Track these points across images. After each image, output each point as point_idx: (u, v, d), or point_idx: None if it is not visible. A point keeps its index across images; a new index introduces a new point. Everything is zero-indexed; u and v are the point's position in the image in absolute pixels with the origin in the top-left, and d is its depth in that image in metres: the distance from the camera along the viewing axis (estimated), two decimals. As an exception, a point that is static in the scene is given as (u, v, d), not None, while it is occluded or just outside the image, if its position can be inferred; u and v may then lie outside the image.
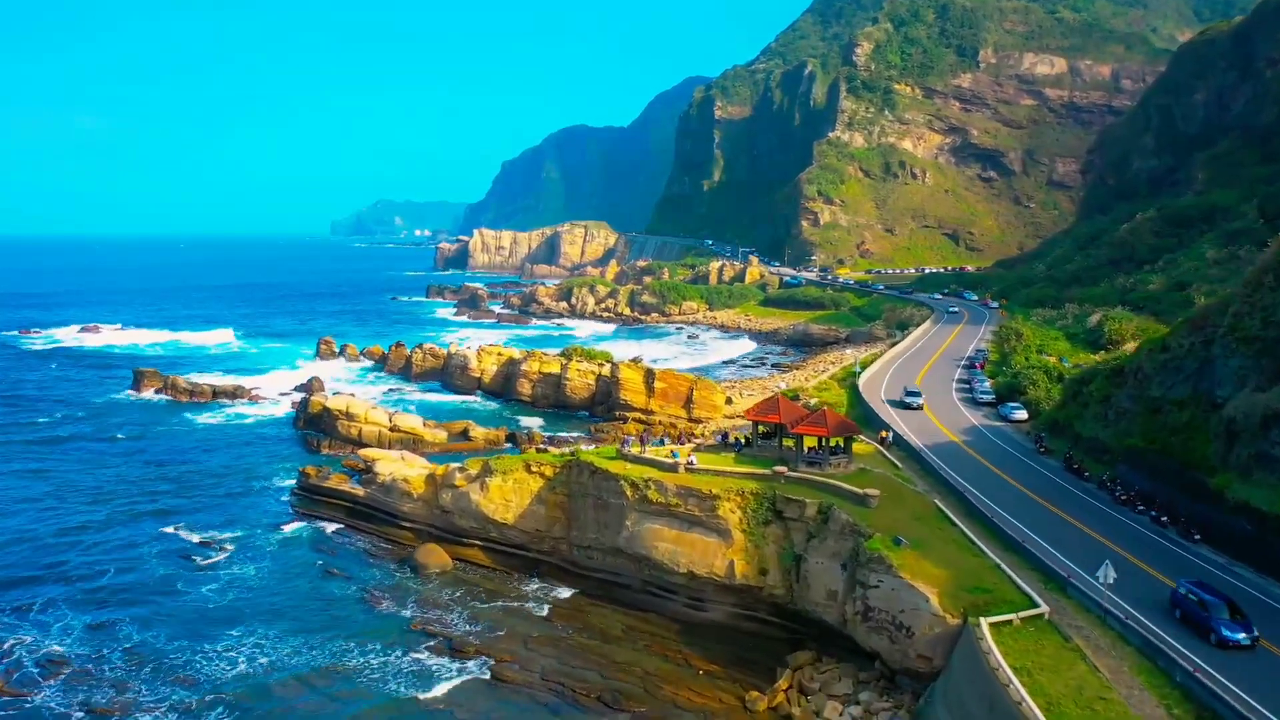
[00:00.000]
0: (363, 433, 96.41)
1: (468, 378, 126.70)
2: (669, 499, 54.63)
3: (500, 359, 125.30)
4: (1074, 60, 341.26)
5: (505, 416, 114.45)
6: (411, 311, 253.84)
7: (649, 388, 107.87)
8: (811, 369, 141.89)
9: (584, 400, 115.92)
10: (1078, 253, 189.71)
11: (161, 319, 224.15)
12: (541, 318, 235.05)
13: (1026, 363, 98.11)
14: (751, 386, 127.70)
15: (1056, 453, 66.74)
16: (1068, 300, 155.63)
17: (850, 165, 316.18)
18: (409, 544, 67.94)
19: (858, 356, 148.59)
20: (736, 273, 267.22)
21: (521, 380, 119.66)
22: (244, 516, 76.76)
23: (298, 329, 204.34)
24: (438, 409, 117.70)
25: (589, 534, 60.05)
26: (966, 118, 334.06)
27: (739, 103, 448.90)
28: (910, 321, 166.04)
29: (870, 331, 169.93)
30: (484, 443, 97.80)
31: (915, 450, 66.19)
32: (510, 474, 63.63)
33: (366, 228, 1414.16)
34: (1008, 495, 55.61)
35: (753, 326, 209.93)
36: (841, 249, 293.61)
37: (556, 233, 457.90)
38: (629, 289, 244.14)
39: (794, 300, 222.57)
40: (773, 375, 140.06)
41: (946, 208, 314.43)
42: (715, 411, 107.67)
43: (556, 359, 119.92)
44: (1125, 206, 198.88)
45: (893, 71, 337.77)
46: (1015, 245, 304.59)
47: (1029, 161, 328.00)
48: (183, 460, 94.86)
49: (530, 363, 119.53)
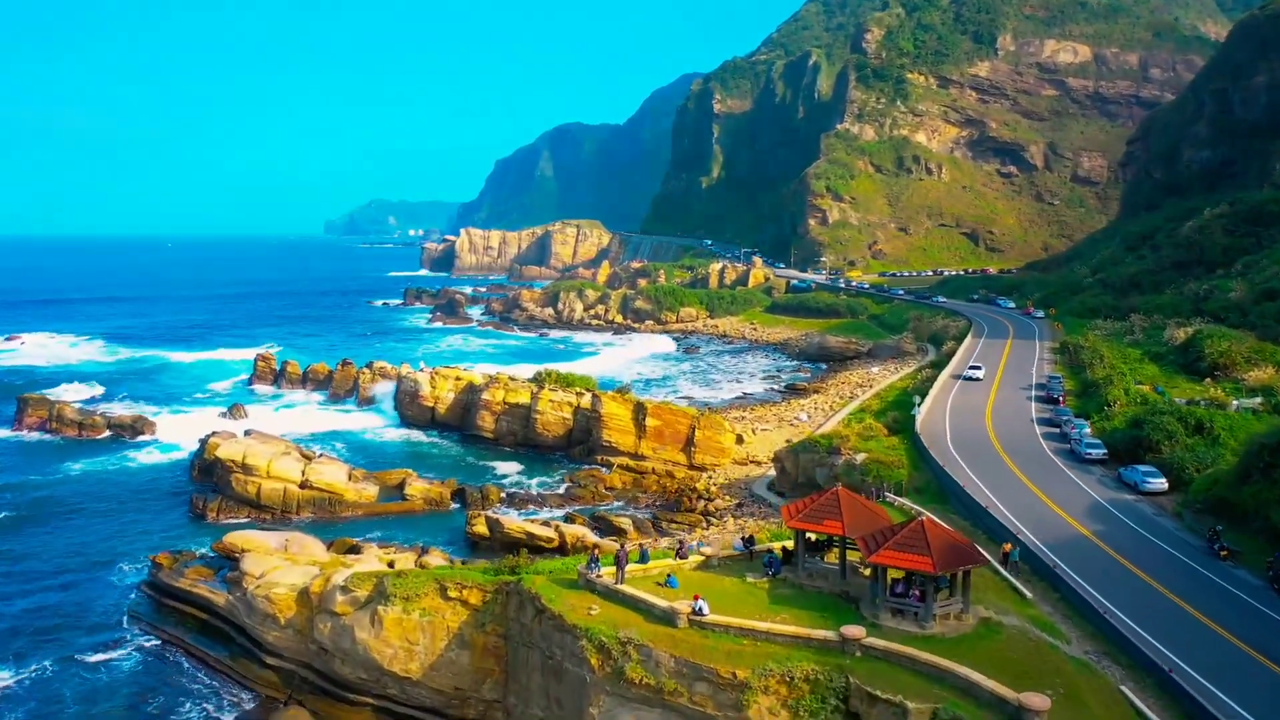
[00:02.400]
0: (263, 491, 73.68)
1: (419, 407, 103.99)
2: (661, 679, 32.03)
3: (458, 385, 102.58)
4: (1099, 48, 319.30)
5: (460, 458, 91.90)
6: (383, 319, 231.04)
7: (639, 426, 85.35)
8: (835, 393, 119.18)
9: (558, 438, 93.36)
10: (1128, 254, 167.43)
11: (101, 327, 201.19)
12: (525, 326, 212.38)
13: (1128, 397, 75.68)
14: (765, 418, 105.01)
15: (1249, 560, 44.26)
16: (1128, 309, 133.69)
17: (860, 159, 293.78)
18: (274, 694, 45.32)
19: (886, 376, 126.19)
20: (739, 275, 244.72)
21: (482, 412, 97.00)
22: (61, 628, 54.20)
23: (247, 339, 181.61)
24: (379, 450, 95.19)
25: (534, 708, 37.49)
26: (984, 109, 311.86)
27: (738, 96, 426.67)
28: (944, 334, 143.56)
29: (897, 345, 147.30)
30: (423, 503, 75.17)
31: (1032, 548, 43.82)
32: (416, 602, 41.08)
33: (360, 227, 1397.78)
34: (1213, 653, 33.26)
35: (759, 336, 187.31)
36: (852, 249, 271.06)
37: (547, 232, 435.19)
38: (621, 294, 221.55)
39: (804, 306, 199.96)
40: (789, 401, 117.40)
41: (964, 205, 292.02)
42: (723, 456, 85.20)
43: (525, 386, 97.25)
44: (1178, 202, 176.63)
45: (905, 59, 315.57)
46: (1039, 245, 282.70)
47: (1052, 156, 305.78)
48: (30, 528, 72.24)
49: (493, 391, 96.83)
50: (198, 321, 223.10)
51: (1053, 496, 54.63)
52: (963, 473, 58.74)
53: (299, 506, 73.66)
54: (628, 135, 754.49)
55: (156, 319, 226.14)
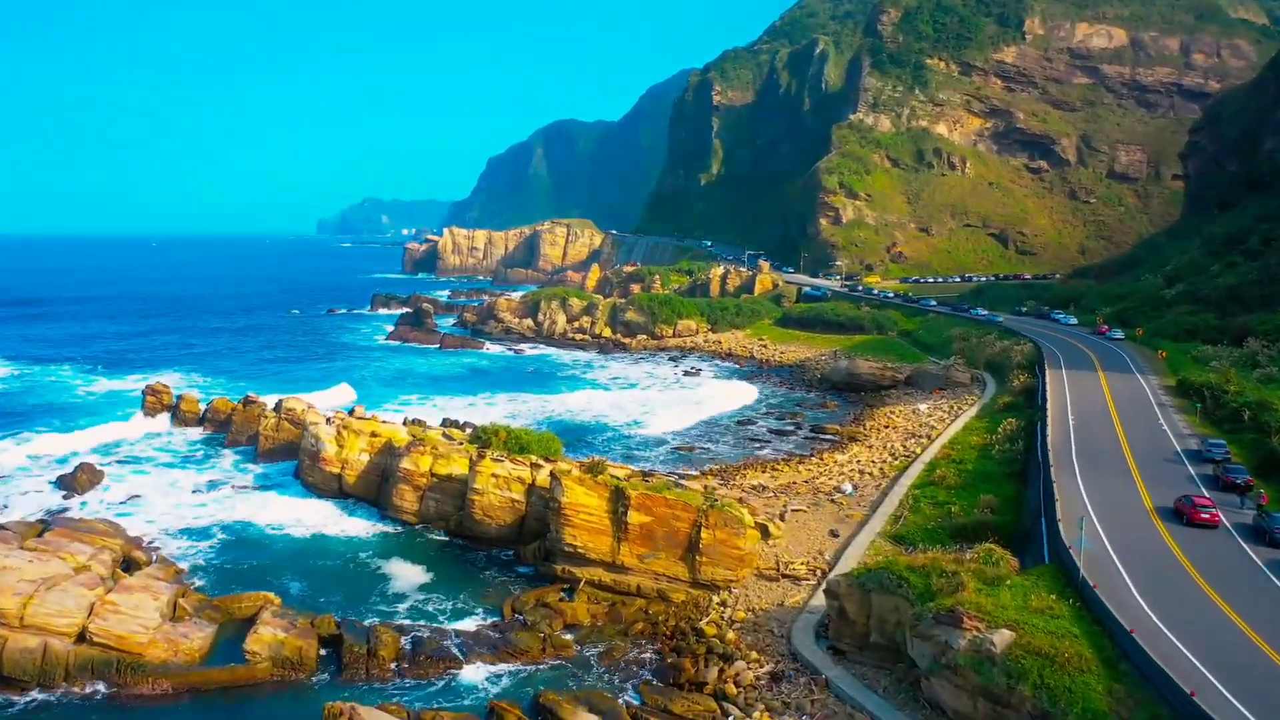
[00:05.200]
0: (6, 655, 45.79)
1: (322, 473, 76.24)
2: None
3: (373, 443, 74.77)
4: (1135, 31, 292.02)
5: (362, 564, 64.13)
6: (336, 331, 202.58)
7: (618, 523, 57.68)
8: (881, 444, 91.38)
9: (505, 528, 65.72)
10: (1213, 260, 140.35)
11: (12, 339, 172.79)
12: (499, 340, 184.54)
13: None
14: (795, 486, 77.28)
15: None
16: (1240, 331, 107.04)
17: (876, 153, 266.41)
18: None
19: (941, 417, 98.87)
20: (743, 281, 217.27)
21: (401, 487, 69.31)
22: None
23: (166, 360, 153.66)
24: (258, 543, 67.41)
25: None
26: (1010, 98, 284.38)
27: (739, 87, 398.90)
28: (1004, 360, 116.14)
29: (944, 373, 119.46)
30: (270, 668, 47.38)
31: None
32: None
33: (353, 227, 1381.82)
34: None
35: (770, 356, 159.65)
36: (869, 252, 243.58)
37: (536, 232, 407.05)
38: (610, 303, 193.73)
39: (822, 319, 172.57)
40: (820, 456, 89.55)
41: (991, 203, 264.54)
42: (741, 566, 57.60)
43: (460, 452, 69.37)
44: (1266, 200, 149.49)
45: (924, 44, 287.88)
46: (1075, 248, 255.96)
47: (1085, 149, 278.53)
48: None
49: (416, 458, 69.02)
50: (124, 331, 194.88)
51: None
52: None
53: (70, 674, 45.99)
54: (623, 132, 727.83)
55: (73, 328, 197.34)
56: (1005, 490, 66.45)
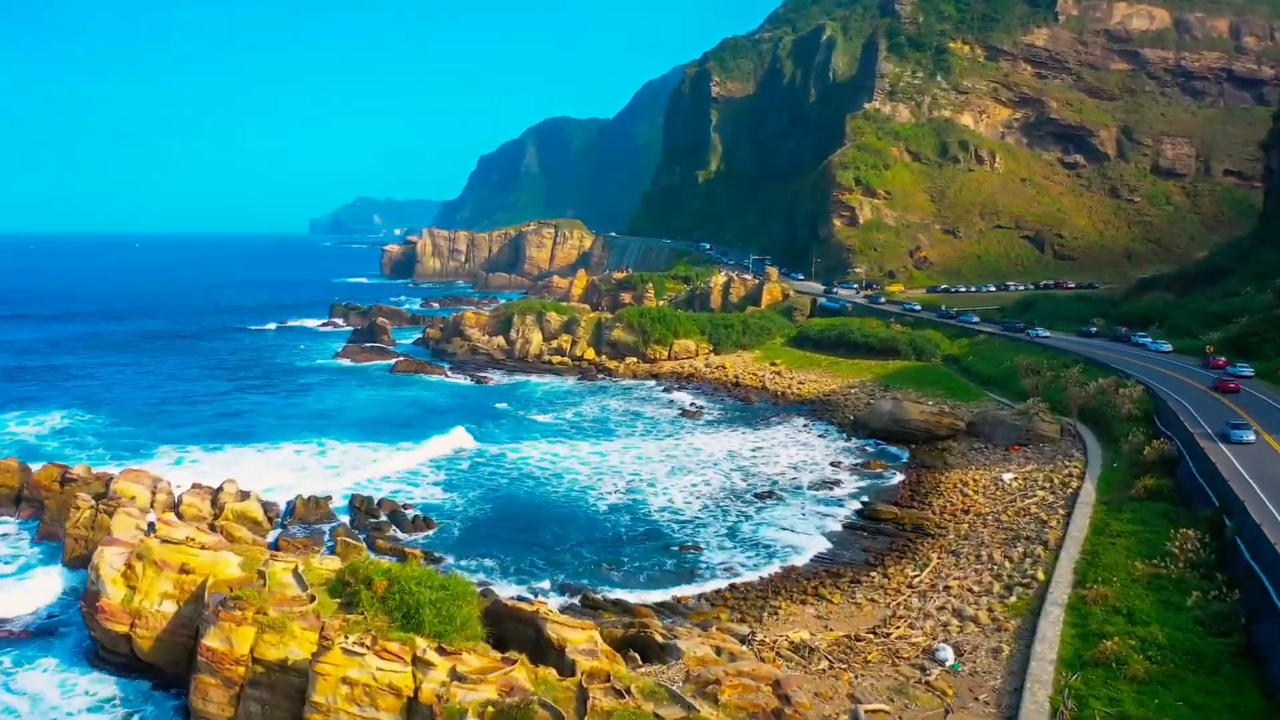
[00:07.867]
0: None
1: (105, 631, 47.82)
2: None
3: (182, 587, 46.27)
4: (1179, 12, 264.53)
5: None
6: (278, 349, 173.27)
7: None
8: (964, 543, 62.67)
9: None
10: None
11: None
12: (462, 363, 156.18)
13: None
14: (865, 648, 48.50)
15: None
16: None
17: (894, 146, 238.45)
18: None
19: (1039, 495, 70.91)
20: (749, 291, 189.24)
21: (204, 679, 40.84)
22: None
23: (48, 385, 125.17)
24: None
25: None
26: (1042, 85, 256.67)
27: (739, 78, 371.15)
28: (1108, 409, 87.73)
29: (1025, 422, 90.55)
30: None
31: None
32: None
33: (345, 226, 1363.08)
34: None
35: (787, 387, 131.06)
36: (890, 257, 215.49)
37: (521, 234, 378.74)
38: (594, 319, 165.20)
39: (844, 339, 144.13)
40: (884, 559, 61.25)
41: (1024, 202, 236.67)
42: None
43: (304, 619, 40.87)
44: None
45: (946, 25, 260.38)
46: (1119, 251, 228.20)
47: (1126, 142, 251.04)
48: None
49: (229, 629, 40.46)
50: (12, 342, 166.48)
51: None
52: None
53: None
54: (618, 130, 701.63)
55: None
56: (1237, 693, 38.20)
